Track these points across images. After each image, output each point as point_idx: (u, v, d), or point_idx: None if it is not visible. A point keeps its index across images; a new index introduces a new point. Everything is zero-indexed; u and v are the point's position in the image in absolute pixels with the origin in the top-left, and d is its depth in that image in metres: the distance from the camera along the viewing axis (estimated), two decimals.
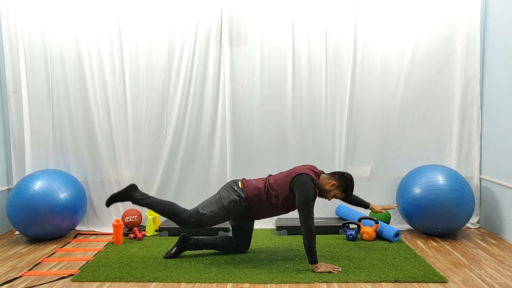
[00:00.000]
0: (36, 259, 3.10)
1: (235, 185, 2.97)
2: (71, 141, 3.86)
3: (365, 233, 3.42)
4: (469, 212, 3.40)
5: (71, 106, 3.83)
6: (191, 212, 2.92)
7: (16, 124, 3.83)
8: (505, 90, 3.46)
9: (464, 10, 3.71)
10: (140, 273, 2.76)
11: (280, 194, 2.85)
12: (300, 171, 2.83)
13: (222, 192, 2.97)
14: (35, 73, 3.81)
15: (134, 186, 2.99)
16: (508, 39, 3.41)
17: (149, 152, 3.85)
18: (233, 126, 3.83)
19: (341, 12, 3.74)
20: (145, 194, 2.98)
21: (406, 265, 2.84)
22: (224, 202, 2.89)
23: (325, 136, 3.84)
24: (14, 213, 3.37)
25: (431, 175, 3.44)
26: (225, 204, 2.88)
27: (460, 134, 3.81)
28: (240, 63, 3.79)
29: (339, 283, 2.58)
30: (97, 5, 3.74)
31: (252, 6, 3.74)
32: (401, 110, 3.81)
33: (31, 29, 3.76)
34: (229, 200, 2.89)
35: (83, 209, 3.72)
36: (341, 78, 3.80)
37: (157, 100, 3.82)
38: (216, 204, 2.91)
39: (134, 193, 2.96)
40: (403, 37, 3.75)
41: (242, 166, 3.84)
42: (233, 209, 2.89)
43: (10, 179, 3.92)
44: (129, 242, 3.46)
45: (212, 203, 2.93)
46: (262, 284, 2.59)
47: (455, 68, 3.77)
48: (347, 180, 2.90)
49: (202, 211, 2.90)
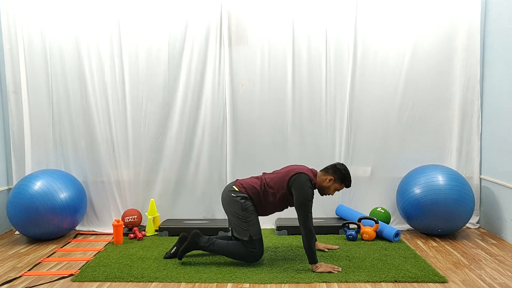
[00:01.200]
0: (36, 259, 3.10)
1: (232, 191, 2.93)
2: (71, 141, 3.86)
3: (365, 233, 3.42)
4: (469, 212, 3.40)
5: (71, 106, 3.83)
6: (245, 244, 2.83)
7: (16, 124, 3.83)
8: (505, 90, 3.46)
9: (464, 10, 3.71)
10: (140, 273, 2.76)
11: (278, 192, 2.86)
12: (299, 170, 2.83)
13: (230, 208, 2.90)
14: (35, 73, 3.81)
15: (198, 233, 2.95)
16: (508, 39, 3.41)
17: (149, 152, 3.85)
18: (233, 126, 3.83)
19: (341, 12, 3.74)
20: (210, 240, 2.94)
21: (406, 265, 2.84)
22: (242, 211, 2.85)
23: (325, 136, 3.84)
24: (14, 213, 3.37)
25: (431, 175, 3.44)
26: (244, 212, 2.84)
27: (460, 134, 3.81)
28: (240, 63, 3.79)
29: (339, 283, 2.58)
30: (97, 6, 3.74)
31: (252, 6, 3.74)
32: (401, 110, 3.81)
33: (31, 30, 3.76)
34: (242, 206, 2.85)
35: (83, 209, 3.72)
36: (341, 78, 3.80)
37: (157, 100, 3.82)
38: (241, 220, 2.85)
39: (200, 240, 2.93)
40: (403, 37, 3.75)
41: (242, 166, 3.84)
42: (250, 207, 2.87)
43: (10, 179, 3.92)
44: (129, 242, 3.46)
45: (240, 224, 2.85)
46: (262, 284, 2.59)
47: (455, 68, 3.77)
48: (341, 171, 2.89)
49: (247, 235, 2.83)
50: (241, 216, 2.84)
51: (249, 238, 2.82)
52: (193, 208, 3.89)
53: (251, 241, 2.82)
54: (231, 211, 2.90)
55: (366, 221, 3.52)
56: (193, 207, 3.89)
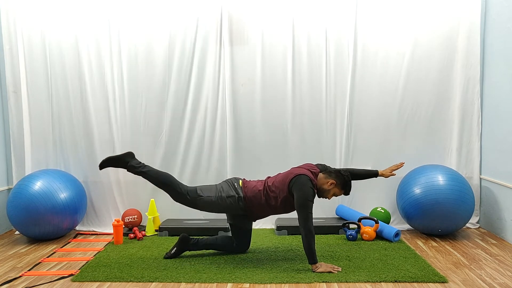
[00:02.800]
0: (36, 259, 3.10)
1: (236, 183, 2.99)
2: (71, 141, 3.86)
3: (365, 233, 3.42)
4: (469, 212, 3.40)
5: (70, 106, 3.83)
6: (188, 188, 2.94)
7: (16, 124, 3.83)
8: (505, 90, 3.46)
9: (464, 10, 3.70)
10: (140, 273, 2.76)
11: (279, 195, 2.85)
12: (298, 172, 2.83)
13: (223, 184, 2.99)
14: (35, 73, 3.81)
15: (131, 154, 2.98)
16: (508, 39, 3.40)
17: (149, 152, 3.85)
18: (233, 126, 3.83)
19: (341, 12, 3.74)
20: (142, 163, 2.96)
21: (406, 265, 2.84)
22: (222, 194, 2.91)
23: (325, 136, 3.84)
24: (14, 213, 3.37)
25: (431, 175, 3.44)
26: (223, 196, 2.91)
27: (460, 134, 3.81)
28: (240, 63, 3.79)
29: (339, 283, 2.58)
30: (97, 6, 3.74)
31: (252, 5, 3.74)
32: (401, 110, 3.81)
33: (31, 30, 3.77)
34: (228, 194, 2.91)
35: (83, 209, 3.72)
36: (341, 78, 3.80)
37: (156, 100, 3.82)
38: (215, 192, 2.93)
39: (130, 160, 2.94)
40: (403, 37, 3.75)
41: (242, 166, 3.84)
42: (229, 204, 2.91)
43: (10, 179, 3.91)
44: (129, 242, 3.46)
45: (211, 190, 2.95)
46: (262, 284, 2.59)
47: (455, 68, 3.77)
48: (344, 177, 2.90)
49: (199, 192, 2.92)
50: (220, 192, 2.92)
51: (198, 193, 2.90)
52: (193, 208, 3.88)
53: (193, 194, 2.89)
54: (220, 185, 2.99)
55: (366, 221, 3.52)
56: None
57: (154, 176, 2.94)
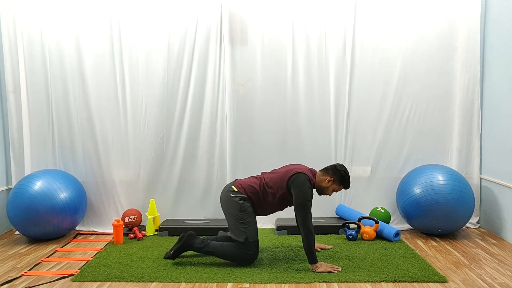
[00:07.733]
0: (36, 259, 3.09)
1: (231, 191, 2.91)
2: (70, 141, 3.85)
3: (365, 233, 3.42)
4: (469, 212, 3.40)
5: (70, 106, 3.82)
6: (240, 246, 2.82)
7: (15, 124, 3.82)
8: (505, 90, 3.46)
9: (464, 10, 3.71)
10: (140, 273, 2.76)
11: (277, 192, 2.85)
12: (298, 170, 2.83)
13: (228, 208, 2.89)
14: (35, 73, 3.81)
15: (192, 235, 2.95)
16: (508, 39, 3.40)
17: (149, 152, 3.84)
18: (233, 126, 3.83)
19: (341, 13, 3.74)
20: (204, 241, 2.93)
21: (406, 265, 2.84)
22: (240, 212, 2.83)
23: (325, 136, 3.84)
24: (14, 213, 3.37)
25: (431, 175, 3.44)
26: (242, 213, 2.83)
27: (460, 134, 3.81)
28: (240, 63, 3.79)
29: (339, 283, 2.58)
30: (97, 6, 3.73)
31: (252, 5, 3.74)
32: (401, 110, 3.81)
33: (30, 30, 3.76)
34: (240, 207, 2.84)
35: (83, 209, 3.72)
36: (340, 77, 3.80)
37: (156, 100, 3.81)
38: (238, 221, 2.83)
39: (194, 242, 2.92)
40: (403, 37, 3.75)
41: (242, 166, 3.84)
42: (249, 208, 2.86)
43: (9, 179, 3.91)
44: (129, 242, 3.46)
45: (237, 225, 2.83)
46: (262, 284, 2.59)
47: (455, 68, 3.77)
48: (341, 172, 2.89)
49: (243, 236, 2.81)
50: (239, 217, 2.83)
51: (245, 240, 2.81)
52: (193, 208, 3.89)
53: (247, 243, 2.81)
54: (229, 212, 2.88)
55: (366, 221, 3.52)
56: (193, 207, 3.89)
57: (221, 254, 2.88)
